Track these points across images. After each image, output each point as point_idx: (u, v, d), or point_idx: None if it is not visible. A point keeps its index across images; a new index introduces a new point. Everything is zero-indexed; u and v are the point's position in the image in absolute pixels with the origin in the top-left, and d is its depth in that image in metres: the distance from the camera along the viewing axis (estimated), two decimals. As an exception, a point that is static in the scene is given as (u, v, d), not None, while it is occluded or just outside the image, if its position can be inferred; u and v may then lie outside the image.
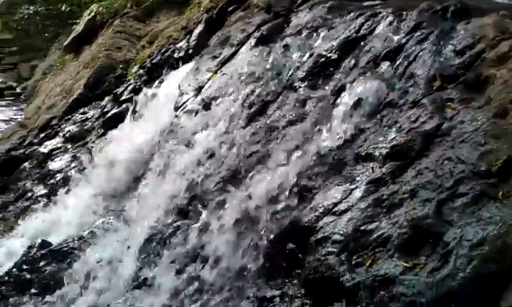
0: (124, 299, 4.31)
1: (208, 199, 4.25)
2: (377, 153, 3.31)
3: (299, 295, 3.17)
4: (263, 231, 3.56)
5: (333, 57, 4.18)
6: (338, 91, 3.89)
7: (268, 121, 4.22)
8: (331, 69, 4.13)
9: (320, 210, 3.29)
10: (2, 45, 18.83)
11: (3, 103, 14.44)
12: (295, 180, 3.58)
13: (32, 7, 16.66)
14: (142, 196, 5.50)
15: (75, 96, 9.19)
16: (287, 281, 3.31)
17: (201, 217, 4.20)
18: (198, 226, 4.14)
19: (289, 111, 4.13)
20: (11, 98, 14.85)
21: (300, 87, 4.23)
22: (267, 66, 4.67)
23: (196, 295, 3.72)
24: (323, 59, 4.23)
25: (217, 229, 3.92)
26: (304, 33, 4.67)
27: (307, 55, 4.41)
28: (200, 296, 3.67)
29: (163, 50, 7.21)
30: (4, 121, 12.62)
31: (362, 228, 3.05)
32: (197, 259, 3.91)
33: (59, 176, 7.59)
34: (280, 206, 3.54)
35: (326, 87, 4.04)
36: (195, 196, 4.43)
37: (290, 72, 4.41)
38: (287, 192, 3.56)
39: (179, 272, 3.96)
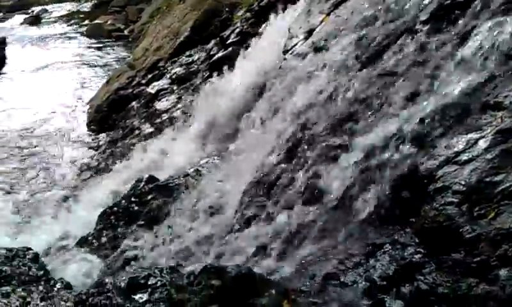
0: (227, 234, 4.41)
1: (317, 143, 4.19)
2: (507, 102, 3.08)
3: (412, 243, 3.06)
4: (376, 178, 3.46)
5: (460, -1, 3.91)
6: (465, 35, 3.63)
7: (385, 66, 4.05)
8: (458, 12, 3.84)
9: (441, 159, 3.13)
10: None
11: (112, 44, 15.05)
12: (413, 126, 3.42)
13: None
14: (247, 136, 5.55)
15: (181, 39, 9.40)
16: (399, 228, 3.21)
17: (309, 161, 4.16)
18: (306, 169, 4.11)
19: (409, 56, 3.92)
20: (119, 39, 15.42)
21: (421, 30, 4.00)
22: (386, 8, 4.46)
23: (302, 237, 3.71)
24: (449, 1, 3.96)
25: (326, 174, 3.87)
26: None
27: (431, -4, 4.16)
28: (306, 238, 3.66)
29: (272, -7, 7.11)
30: (113, 61, 13.17)
31: (487, 179, 2.87)
32: (305, 202, 3.89)
33: (165, 116, 7.86)
34: (395, 154, 3.40)
35: (451, 31, 3.78)
36: (303, 139, 4.38)
37: (411, 15, 4.18)
38: (404, 139, 3.41)
39: (285, 213, 3.97)
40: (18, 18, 20.88)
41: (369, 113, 3.90)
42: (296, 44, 5.31)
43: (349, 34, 4.61)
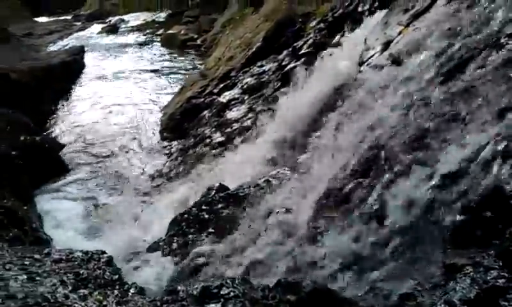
0: (298, 247, 4.35)
1: (393, 158, 4.07)
2: None
3: (496, 266, 2.92)
4: (456, 197, 3.33)
5: (551, 12, 3.72)
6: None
7: (467, 81, 3.90)
8: (548, 25, 3.68)
9: (529, 180, 2.98)
10: (184, -2, 19.96)
11: (185, 53, 15.38)
12: (497, 146, 3.27)
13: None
14: (318, 148, 5.48)
15: (253, 49, 9.45)
16: (480, 250, 3.07)
17: (385, 176, 4.06)
18: (381, 185, 4.00)
19: (493, 71, 3.76)
20: (192, 49, 15.74)
21: (507, 44, 3.83)
22: (468, 21, 4.30)
23: (377, 254, 3.61)
24: (538, 14, 3.79)
25: (402, 190, 3.75)
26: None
27: (518, 9, 3.98)
28: (381, 256, 3.56)
29: (346, 4, 7.03)
30: (185, 70, 13.44)
31: None
32: (379, 219, 3.79)
33: (235, 125, 7.91)
34: (477, 172, 3.27)
35: (540, 46, 3.61)
36: (378, 154, 4.28)
37: (497, 28, 4.01)
38: (488, 158, 3.27)
39: (359, 229, 3.88)
40: (97, 27, 21.77)
41: (449, 129, 3.76)
42: (373, 56, 5.23)
43: (429, 47, 4.48)
